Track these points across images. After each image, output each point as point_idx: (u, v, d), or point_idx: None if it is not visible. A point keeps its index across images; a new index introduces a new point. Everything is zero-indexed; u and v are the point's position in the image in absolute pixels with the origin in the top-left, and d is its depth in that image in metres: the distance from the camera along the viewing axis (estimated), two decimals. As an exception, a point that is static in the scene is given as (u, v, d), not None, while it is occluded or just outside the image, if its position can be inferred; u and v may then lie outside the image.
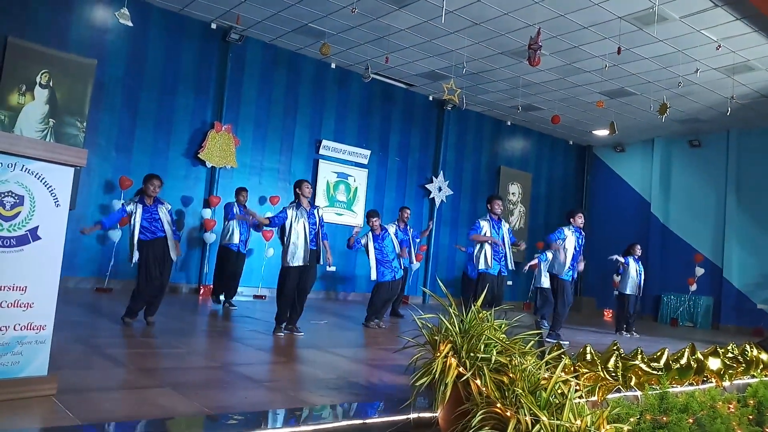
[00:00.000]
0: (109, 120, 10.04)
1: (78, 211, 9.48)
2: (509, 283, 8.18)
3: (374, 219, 8.05)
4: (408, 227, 9.22)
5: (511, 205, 15.70)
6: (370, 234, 8.07)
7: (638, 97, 12.61)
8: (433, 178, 14.11)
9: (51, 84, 9.35)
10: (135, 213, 6.19)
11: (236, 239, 8.95)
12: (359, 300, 12.42)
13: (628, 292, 10.27)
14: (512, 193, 15.62)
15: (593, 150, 17.49)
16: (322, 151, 12.38)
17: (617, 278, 10.36)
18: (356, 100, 12.99)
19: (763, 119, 13.37)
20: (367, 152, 13.00)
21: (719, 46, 9.59)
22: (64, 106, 9.49)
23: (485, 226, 7.59)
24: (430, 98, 14.05)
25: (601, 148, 17.28)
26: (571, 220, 8.19)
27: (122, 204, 6.52)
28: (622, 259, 10.31)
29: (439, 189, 14.14)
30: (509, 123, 15.62)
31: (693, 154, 15.28)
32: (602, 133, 15.53)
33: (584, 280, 15.69)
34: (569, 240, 8.03)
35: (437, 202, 14.12)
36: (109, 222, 6.53)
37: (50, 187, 3.08)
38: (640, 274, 10.41)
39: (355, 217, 12.83)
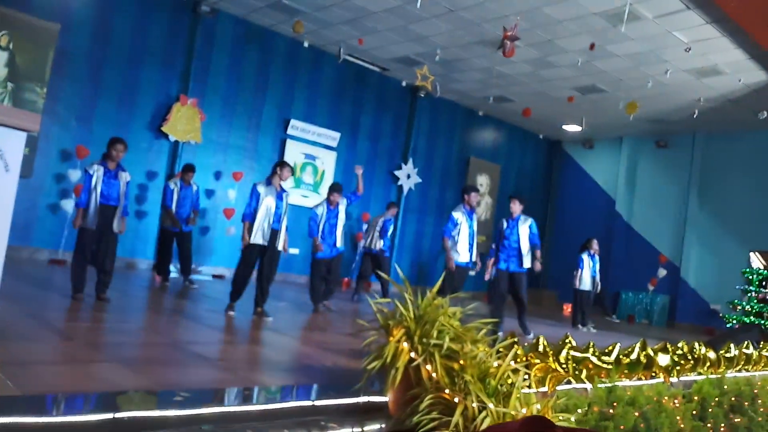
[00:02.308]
0: (71, 88, 9.73)
1: (34, 181, 9.22)
2: (471, 273, 8.18)
3: (335, 194, 7.98)
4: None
5: (479, 197, 15.75)
6: (325, 204, 7.98)
7: (609, 95, 12.73)
8: (402, 165, 14.08)
9: (11, 47, 9.02)
10: (96, 175, 5.93)
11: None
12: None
13: (584, 288, 10.39)
14: (480, 185, 15.68)
15: (563, 145, 17.67)
16: (290, 131, 12.21)
17: (576, 274, 10.46)
18: (328, 81, 12.82)
19: (728, 124, 13.65)
20: (337, 135, 12.87)
21: (689, 48, 9.73)
22: (24, 71, 9.15)
23: (460, 218, 7.52)
24: (404, 84, 13.97)
25: (571, 144, 17.46)
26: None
27: (85, 171, 6.21)
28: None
29: (408, 176, 14.11)
30: (481, 113, 15.64)
31: (659, 155, 15.54)
32: (572, 128, 15.68)
33: (547, 273, 15.83)
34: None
35: (405, 189, 14.10)
36: (85, 197, 6.04)
37: (0, 151, 2.96)
38: (594, 269, 10.50)
39: (321, 200, 12.70)
